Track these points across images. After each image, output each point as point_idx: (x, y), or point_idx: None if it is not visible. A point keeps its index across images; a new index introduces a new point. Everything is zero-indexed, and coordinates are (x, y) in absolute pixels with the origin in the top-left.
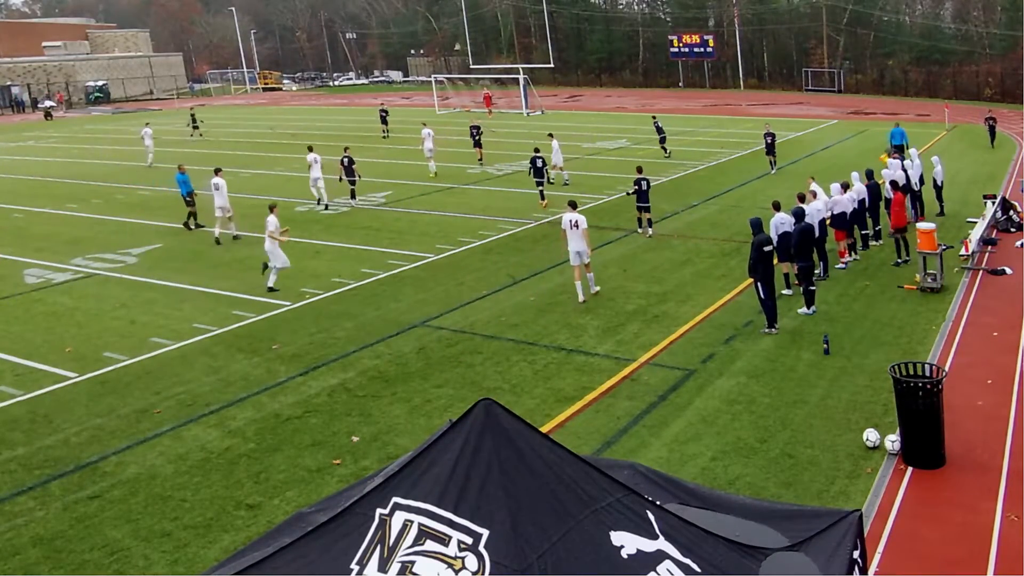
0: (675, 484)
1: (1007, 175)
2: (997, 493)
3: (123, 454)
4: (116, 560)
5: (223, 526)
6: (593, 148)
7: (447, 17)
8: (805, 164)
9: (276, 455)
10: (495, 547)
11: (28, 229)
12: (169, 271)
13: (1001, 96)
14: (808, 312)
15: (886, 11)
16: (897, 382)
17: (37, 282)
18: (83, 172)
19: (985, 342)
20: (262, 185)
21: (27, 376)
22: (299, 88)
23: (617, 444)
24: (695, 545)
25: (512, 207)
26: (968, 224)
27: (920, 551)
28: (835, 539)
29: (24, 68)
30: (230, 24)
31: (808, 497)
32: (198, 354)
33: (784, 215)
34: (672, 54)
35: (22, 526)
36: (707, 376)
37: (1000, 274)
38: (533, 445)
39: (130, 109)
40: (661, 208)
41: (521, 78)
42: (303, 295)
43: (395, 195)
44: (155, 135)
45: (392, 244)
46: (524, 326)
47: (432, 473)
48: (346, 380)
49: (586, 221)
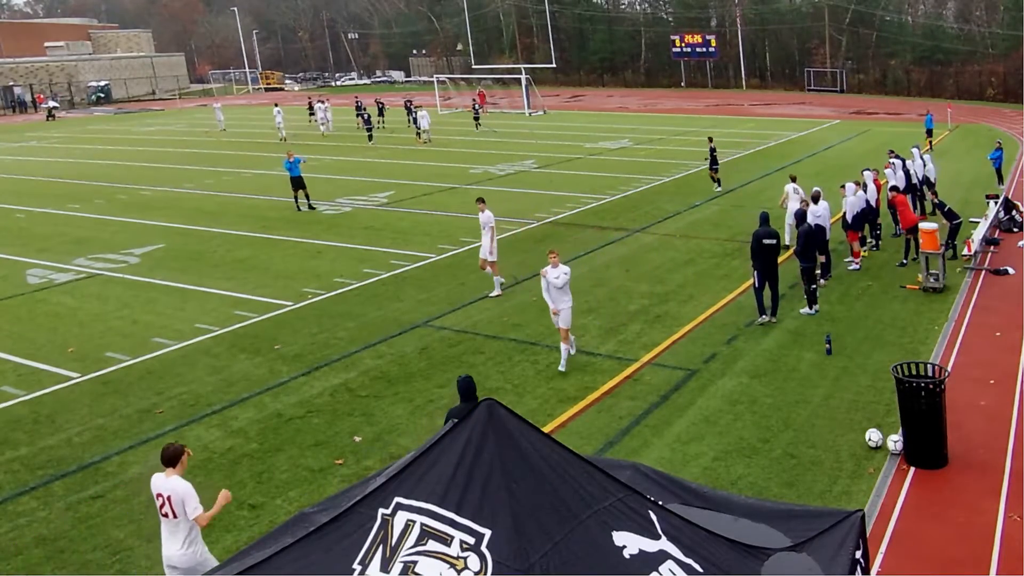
0: (677, 484)
1: (1009, 175)
2: (999, 493)
3: (125, 454)
4: (119, 560)
5: (225, 526)
6: (595, 148)
7: (449, 17)
8: (807, 164)
9: (278, 455)
10: (497, 547)
11: (30, 229)
12: (171, 271)
13: (1004, 96)
14: (810, 312)
15: (888, 11)
16: (899, 382)
17: (39, 282)
18: (85, 172)
19: (987, 342)
20: (264, 185)
21: (29, 376)
22: (301, 88)
23: (619, 444)
24: (697, 545)
25: (514, 207)
26: (971, 224)
27: (922, 551)
28: (837, 539)
29: (26, 68)
30: (232, 24)
31: (810, 497)
32: (200, 354)
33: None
34: (674, 54)
35: (25, 526)
36: (709, 376)
37: (1002, 274)
38: (535, 445)
39: (132, 109)
40: (663, 208)
41: (523, 78)
42: (305, 295)
43: (397, 195)
44: (158, 135)
45: (394, 244)
46: (526, 326)
47: (434, 473)
48: (348, 380)
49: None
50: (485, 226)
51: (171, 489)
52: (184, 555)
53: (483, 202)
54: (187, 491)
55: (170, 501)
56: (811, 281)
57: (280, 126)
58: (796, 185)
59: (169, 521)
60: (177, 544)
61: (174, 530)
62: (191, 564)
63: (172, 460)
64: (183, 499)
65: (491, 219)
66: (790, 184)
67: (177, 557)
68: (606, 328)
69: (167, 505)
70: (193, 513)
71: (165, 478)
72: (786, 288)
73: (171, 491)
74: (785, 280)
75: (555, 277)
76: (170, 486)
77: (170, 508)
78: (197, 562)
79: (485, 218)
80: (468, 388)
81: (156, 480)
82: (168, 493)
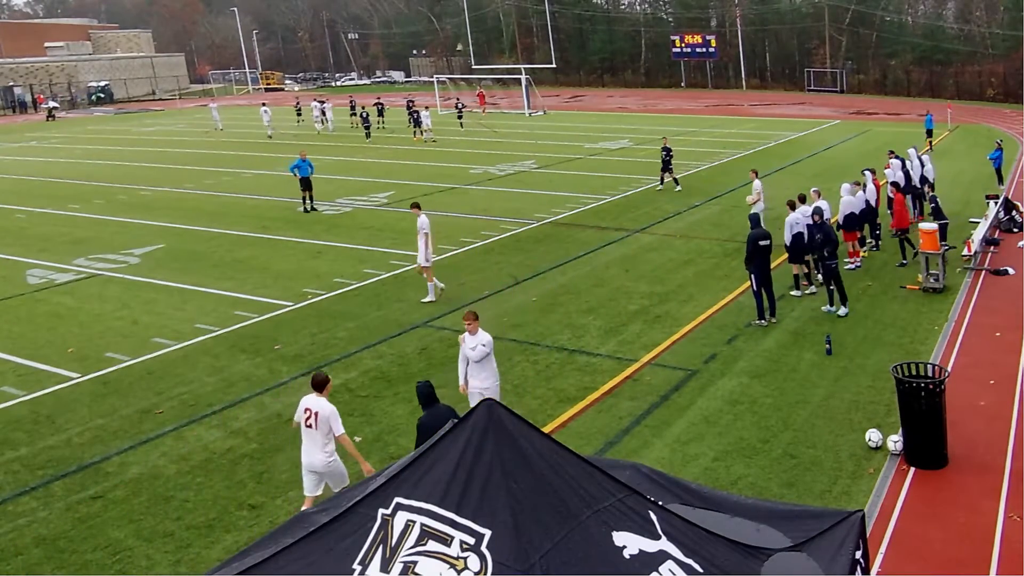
0: (677, 484)
1: (1009, 175)
2: (999, 493)
3: (126, 454)
4: (119, 560)
5: (225, 526)
6: (595, 148)
7: (449, 17)
8: (807, 164)
9: (278, 455)
10: (497, 547)
11: (30, 229)
12: (171, 271)
13: (1004, 96)
14: (835, 311)
15: (888, 11)
16: (899, 382)
17: (39, 282)
18: (85, 172)
19: (987, 342)
20: (263, 185)
21: (29, 376)
22: (301, 88)
23: (619, 444)
24: (697, 545)
25: (514, 207)
26: (970, 224)
27: (922, 551)
28: (837, 539)
29: (26, 69)
30: (232, 24)
31: (810, 497)
32: (200, 354)
33: (798, 215)
34: (674, 54)
35: (25, 526)
36: (709, 376)
37: (1002, 274)
38: (535, 445)
39: (132, 110)
40: (663, 208)
41: (523, 78)
42: (305, 295)
43: (397, 195)
44: (158, 136)
45: (394, 244)
46: (526, 326)
47: (434, 473)
48: (348, 380)
49: None
50: (420, 231)
51: (319, 407)
52: (326, 462)
53: (419, 207)
54: (333, 412)
55: (316, 416)
56: (837, 280)
57: (268, 124)
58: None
59: (311, 432)
60: (318, 452)
61: (315, 441)
62: (330, 470)
63: (320, 386)
64: (328, 418)
65: (426, 224)
66: (756, 180)
67: (320, 463)
68: (606, 328)
69: (313, 419)
70: (337, 432)
71: (316, 398)
72: (784, 289)
73: (319, 408)
74: (781, 281)
75: (471, 348)
76: (319, 404)
77: (315, 421)
78: (334, 469)
79: (420, 223)
80: (428, 394)
81: (307, 398)
82: (316, 409)
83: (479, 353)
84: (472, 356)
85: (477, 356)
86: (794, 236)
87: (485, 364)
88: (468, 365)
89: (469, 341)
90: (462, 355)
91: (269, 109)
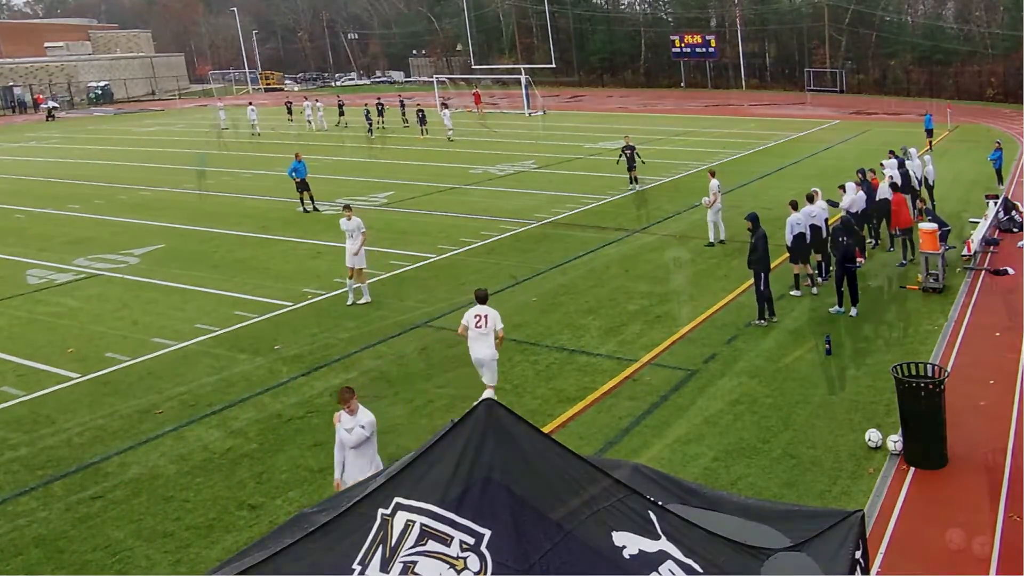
0: (677, 484)
1: (1009, 175)
2: (999, 493)
3: (125, 454)
4: (118, 560)
5: (225, 526)
6: (595, 148)
7: (449, 17)
8: (807, 164)
9: (278, 455)
10: (497, 547)
11: (30, 229)
12: (171, 271)
13: (1003, 96)
14: (844, 311)
15: (888, 11)
16: (899, 382)
17: (39, 283)
18: (85, 172)
19: (987, 342)
20: (263, 186)
21: (29, 376)
22: (301, 88)
23: (619, 444)
24: (697, 545)
25: (514, 207)
26: (970, 224)
27: (922, 551)
28: (837, 539)
29: (26, 69)
30: (232, 24)
31: (810, 497)
32: (200, 354)
33: (799, 215)
34: (674, 54)
35: (24, 526)
36: (709, 376)
37: (1002, 274)
38: (535, 445)
39: (132, 110)
40: (663, 208)
41: (523, 78)
42: (305, 295)
43: (397, 195)
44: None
45: (394, 244)
46: (526, 326)
47: (434, 473)
48: (348, 380)
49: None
50: (354, 233)
51: (488, 312)
52: (492, 353)
53: (350, 209)
54: (498, 315)
55: (486, 319)
56: (852, 280)
57: (254, 122)
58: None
59: (481, 331)
60: (487, 346)
61: (485, 338)
62: (493, 357)
63: (484, 299)
64: (495, 320)
65: (360, 226)
66: (713, 180)
67: (487, 355)
68: (606, 328)
69: (483, 321)
70: (499, 328)
71: (481, 306)
72: (784, 289)
73: (488, 313)
74: (781, 281)
75: (347, 429)
76: (487, 310)
77: (484, 323)
78: (494, 356)
79: (353, 225)
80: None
81: (476, 308)
82: (486, 313)
83: (356, 435)
84: (348, 441)
85: (354, 440)
86: (795, 236)
87: (364, 450)
88: (344, 451)
89: (346, 421)
90: (338, 441)
91: (256, 108)
